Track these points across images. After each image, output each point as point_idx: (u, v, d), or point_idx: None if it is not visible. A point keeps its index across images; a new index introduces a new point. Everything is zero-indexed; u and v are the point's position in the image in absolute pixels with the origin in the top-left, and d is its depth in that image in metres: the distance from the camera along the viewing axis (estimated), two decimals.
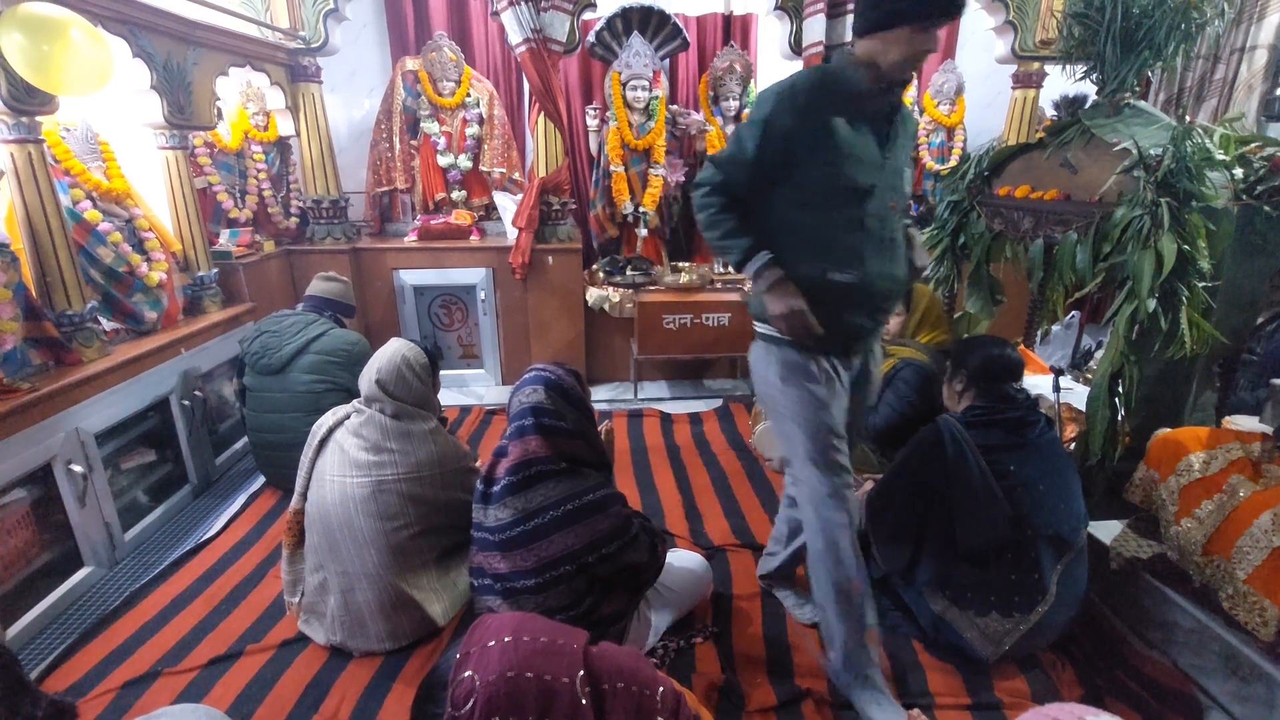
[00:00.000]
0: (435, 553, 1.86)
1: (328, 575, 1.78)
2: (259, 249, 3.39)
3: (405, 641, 1.78)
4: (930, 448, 1.74)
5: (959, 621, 1.69)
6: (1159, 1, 1.95)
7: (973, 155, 2.57)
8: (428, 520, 1.81)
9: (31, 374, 2.07)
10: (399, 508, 1.75)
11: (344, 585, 1.75)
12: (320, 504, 1.77)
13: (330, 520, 1.75)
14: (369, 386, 1.83)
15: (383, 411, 1.81)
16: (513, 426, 1.63)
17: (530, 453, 1.57)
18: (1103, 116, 2.10)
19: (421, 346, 1.92)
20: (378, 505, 1.74)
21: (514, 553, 1.55)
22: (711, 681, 1.65)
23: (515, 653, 0.92)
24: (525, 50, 3.20)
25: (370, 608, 1.74)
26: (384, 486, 1.74)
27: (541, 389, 1.63)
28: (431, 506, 1.81)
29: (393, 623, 1.76)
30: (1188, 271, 1.71)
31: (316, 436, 1.85)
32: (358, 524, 1.73)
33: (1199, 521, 1.66)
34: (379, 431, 1.79)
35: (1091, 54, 2.11)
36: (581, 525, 1.53)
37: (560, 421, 1.61)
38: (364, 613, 1.75)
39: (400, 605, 1.76)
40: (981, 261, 2.57)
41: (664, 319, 3.53)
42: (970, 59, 4.22)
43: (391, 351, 1.86)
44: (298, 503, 1.84)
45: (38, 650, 1.85)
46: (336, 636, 1.78)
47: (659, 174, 3.92)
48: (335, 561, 1.76)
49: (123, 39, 2.34)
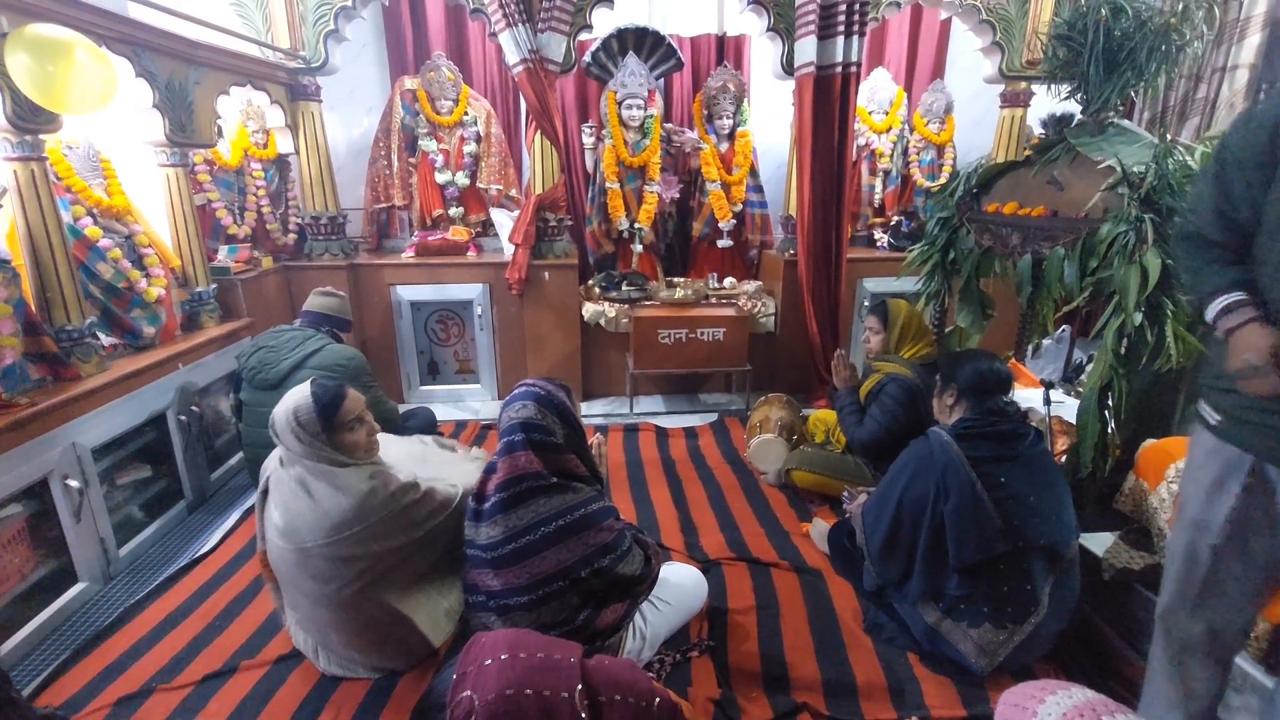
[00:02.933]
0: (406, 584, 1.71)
1: (302, 617, 1.73)
2: (257, 265, 3.41)
3: (399, 666, 1.73)
4: (922, 461, 1.76)
5: (952, 633, 1.70)
6: (1140, 24, 2.01)
7: (962, 172, 2.62)
8: (373, 572, 1.62)
9: (30, 389, 2.08)
10: (331, 571, 1.58)
11: (318, 628, 1.71)
12: (271, 558, 1.67)
13: (281, 575, 1.67)
14: (272, 437, 1.64)
15: (284, 464, 1.63)
16: (502, 442, 1.61)
17: (520, 468, 1.56)
18: (1088, 135, 2.15)
19: (315, 397, 1.60)
20: (309, 570, 1.59)
21: (506, 570, 1.55)
22: (708, 696, 1.65)
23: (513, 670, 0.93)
24: (522, 70, 3.25)
25: (348, 649, 1.70)
26: (308, 553, 1.57)
27: (531, 404, 1.61)
28: (371, 559, 1.61)
29: (376, 656, 1.71)
30: (1172, 285, 1.74)
31: (261, 485, 1.71)
32: (302, 584, 1.62)
33: None
34: (288, 492, 1.60)
35: (1076, 74, 2.16)
36: (574, 540, 1.53)
37: (550, 437, 1.60)
38: (342, 653, 1.71)
39: (381, 641, 1.69)
40: (972, 276, 2.61)
41: (659, 334, 3.56)
42: (959, 79, 4.30)
43: (281, 403, 1.63)
44: (261, 545, 1.72)
45: (31, 666, 1.84)
46: (327, 669, 1.74)
47: (654, 191, 3.98)
48: (303, 609, 1.70)
49: (126, 59, 2.38)
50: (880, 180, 4.23)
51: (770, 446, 2.83)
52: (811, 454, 2.69)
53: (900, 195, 4.28)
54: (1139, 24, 2.01)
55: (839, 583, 2.11)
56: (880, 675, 1.73)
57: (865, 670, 1.74)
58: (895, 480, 1.82)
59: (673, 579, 1.85)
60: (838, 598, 2.04)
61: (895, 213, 4.25)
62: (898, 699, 1.67)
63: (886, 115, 4.16)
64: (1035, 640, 1.67)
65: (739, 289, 3.92)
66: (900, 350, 2.51)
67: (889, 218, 4.26)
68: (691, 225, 4.26)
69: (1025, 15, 3.47)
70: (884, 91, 4.15)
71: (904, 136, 4.21)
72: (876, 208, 4.28)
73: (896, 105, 4.16)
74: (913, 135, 4.21)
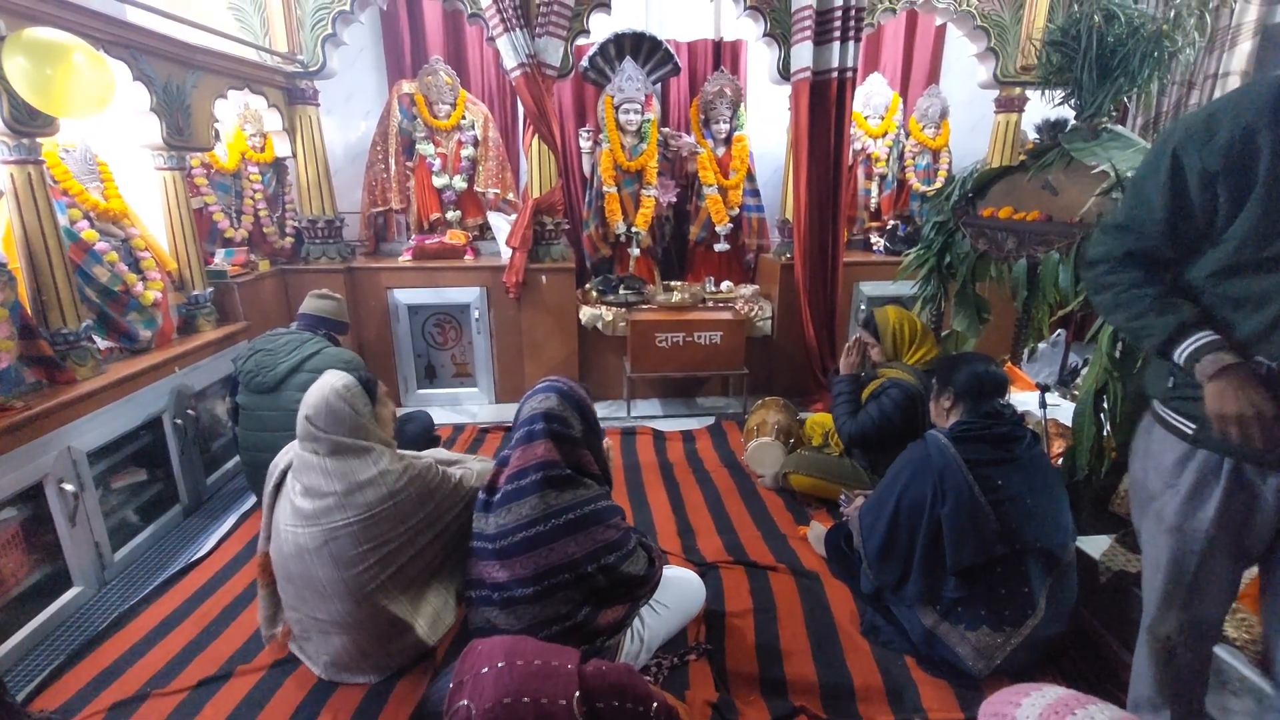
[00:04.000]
0: (414, 579, 1.75)
1: (303, 618, 1.72)
2: (254, 268, 3.41)
3: (399, 664, 1.74)
4: (919, 464, 1.76)
5: (950, 636, 1.71)
6: (1132, 30, 2.03)
7: (957, 177, 2.63)
8: (399, 556, 1.67)
9: (25, 392, 2.07)
10: (356, 554, 1.61)
11: (320, 629, 1.70)
12: (279, 554, 1.68)
13: (290, 571, 1.66)
14: (301, 426, 1.67)
15: (317, 453, 1.65)
16: (521, 431, 1.65)
17: (538, 457, 1.59)
18: (1081, 140, 2.16)
19: (355, 376, 1.73)
20: (332, 554, 1.60)
21: (513, 560, 1.56)
22: (705, 699, 1.65)
23: (510, 677, 0.93)
24: (520, 74, 3.26)
25: (350, 651, 1.69)
26: (335, 534, 1.60)
27: (555, 396, 1.67)
28: (400, 541, 1.67)
29: (377, 659, 1.70)
30: None
31: (272, 479, 1.74)
32: (316, 575, 1.62)
33: None
34: (319, 475, 1.63)
35: (1069, 80, 2.18)
36: (583, 534, 1.54)
37: (569, 429, 1.64)
38: (344, 655, 1.70)
39: (384, 640, 1.69)
40: (967, 281, 2.62)
41: (657, 337, 3.56)
42: (954, 84, 4.33)
43: (319, 385, 1.70)
44: (263, 545, 1.74)
45: (26, 671, 1.83)
46: (325, 674, 1.73)
47: (651, 195, 3.99)
48: (306, 609, 1.69)
49: (124, 62, 2.38)
50: (876, 184, 4.25)
51: (767, 450, 2.84)
52: (809, 457, 2.69)
53: (896, 199, 4.30)
54: (1132, 30, 2.02)
55: (836, 586, 2.11)
56: (878, 678, 1.73)
57: (863, 673, 1.74)
58: (892, 483, 1.82)
59: (671, 582, 1.85)
60: (835, 601, 2.04)
61: (891, 217, 4.27)
62: (895, 702, 1.67)
63: (882, 120, 4.18)
64: (1033, 643, 1.67)
65: (736, 293, 3.93)
66: (903, 356, 2.51)
67: (885, 222, 4.28)
68: (688, 229, 4.28)
69: (1019, 21, 3.50)
70: (879, 96, 4.17)
71: (900, 141, 4.23)
72: (872, 212, 4.31)
73: (892, 110, 4.18)
74: (908, 140, 4.24)
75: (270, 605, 1.80)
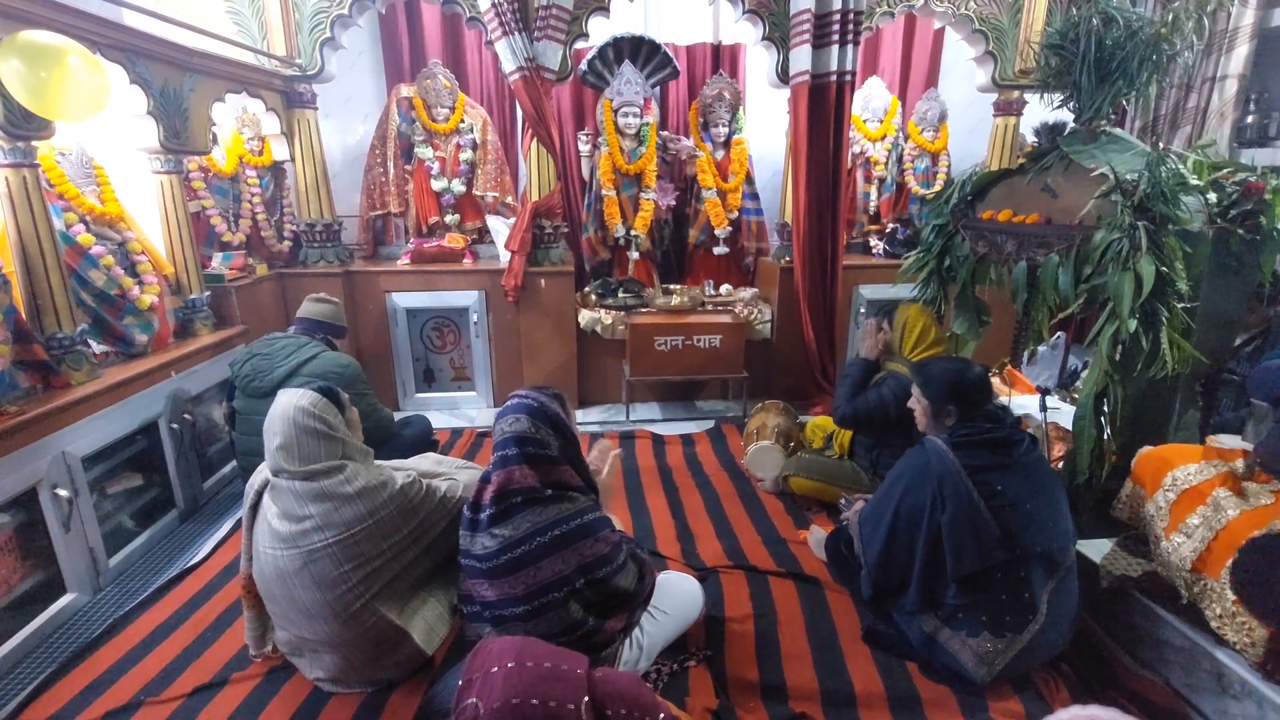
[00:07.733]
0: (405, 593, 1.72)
1: (292, 638, 1.70)
2: (252, 272, 3.40)
3: (394, 677, 1.72)
4: (918, 470, 1.75)
5: (951, 642, 1.69)
6: (1131, 34, 2.03)
7: (956, 180, 2.63)
8: (378, 577, 1.62)
9: (19, 397, 2.06)
10: (338, 574, 1.56)
11: (310, 648, 1.68)
12: (261, 576, 1.63)
13: (274, 593, 1.62)
14: (270, 458, 1.61)
15: (292, 479, 1.58)
16: (496, 456, 1.60)
17: (515, 482, 1.55)
18: (1080, 143, 2.16)
19: (313, 387, 1.65)
20: (314, 576, 1.55)
21: (502, 580, 1.53)
22: (705, 706, 1.63)
23: (520, 678, 0.91)
24: (519, 78, 3.26)
25: (343, 667, 1.67)
26: (315, 555, 1.55)
27: (525, 418, 1.60)
28: (383, 559, 1.63)
29: (372, 673, 1.69)
30: (1166, 292, 1.75)
31: (248, 499, 1.67)
32: (299, 597, 1.58)
33: (1187, 537, 1.67)
34: (292, 499, 1.58)
35: (1068, 83, 2.18)
36: (569, 550, 1.52)
37: (544, 449, 1.58)
38: (338, 672, 1.68)
39: (376, 656, 1.67)
40: (967, 283, 2.61)
41: (655, 341, 3.55)
42: (953, 87, 4.33)
43: (282, 412, 1.60)
44: (245, 567, 1.70)
45: (19, 679, 1.81)
46: (322, 687, 1.71)
47: (650, 198, 3.99)
48: (294, 629, 1.66)
49: (120, 66, 2.37)
50: (875, 188, 4.25)
51: (767, 453, 2.83)
52: (809, 460, 2.68)
53: (895, 202, 4.30)
54: (1130, 34, 2.03)
55: (837, 591, 2.09)
56: (879, 684, 1.72)
57: (863, 679, 1.73)
58: (891, 490, 1.81)
59: (669, 588, 1.83)
60: (836, 606, 2.02)
61: (890, 220, 4.27)
62: (897, 708, 1.66)
63: (881, 123, 4.18)
64: (1034, 649, 1.66)
65: (735, 296, 3.92)
66: (904, 352, 2.51)
67: (884, 225, 4.28)
68: (688, 232, 4.27)
69: (1017, 25, 3.51)
70: (878, 100, 4.17)
71: (899, 144, 4.23)
72: (872, 215, 4.30)
73: (891, 113, 4.19)
74: (907, 143, 4.24)
75: (257, 626, 1.78)
